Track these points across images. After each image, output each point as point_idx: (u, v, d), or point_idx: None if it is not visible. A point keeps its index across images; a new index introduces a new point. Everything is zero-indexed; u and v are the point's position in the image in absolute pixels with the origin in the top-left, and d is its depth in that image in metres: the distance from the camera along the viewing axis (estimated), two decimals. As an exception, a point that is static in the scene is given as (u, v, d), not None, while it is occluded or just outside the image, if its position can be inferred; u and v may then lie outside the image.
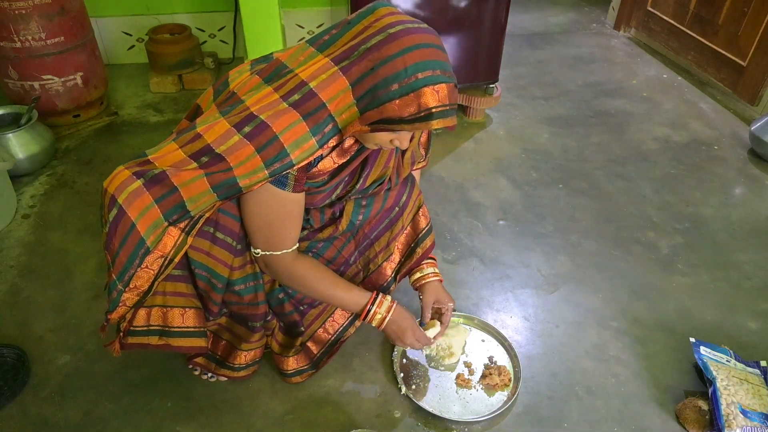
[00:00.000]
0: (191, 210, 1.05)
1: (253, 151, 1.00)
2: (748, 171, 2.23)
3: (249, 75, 1.10)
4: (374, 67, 0.96)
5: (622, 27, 3.45)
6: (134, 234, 1.04)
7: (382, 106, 0.97)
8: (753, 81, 2.53)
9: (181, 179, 1.03)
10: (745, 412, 1.25)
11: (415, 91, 0.95)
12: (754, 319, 1.59)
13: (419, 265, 1.43)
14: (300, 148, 1.01)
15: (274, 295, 1.31)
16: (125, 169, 1.05)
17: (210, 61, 2.75)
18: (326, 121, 1.01)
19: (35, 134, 2.06)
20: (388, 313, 1.28)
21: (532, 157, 2.29)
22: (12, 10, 2.02)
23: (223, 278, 1.19)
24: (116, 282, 1.07)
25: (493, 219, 1.95)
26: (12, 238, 1.81)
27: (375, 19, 1.00)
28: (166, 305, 1.17)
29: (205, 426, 1.29)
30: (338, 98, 1.00)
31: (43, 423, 1.29)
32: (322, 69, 1.01)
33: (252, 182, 1.03)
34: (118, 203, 1.03)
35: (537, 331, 1.54)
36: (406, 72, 0.95)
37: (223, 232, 1.15)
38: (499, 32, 2.29)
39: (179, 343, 1.19)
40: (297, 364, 1.37)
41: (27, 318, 1.53)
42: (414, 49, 0.95)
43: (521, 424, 1.31)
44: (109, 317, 1.12)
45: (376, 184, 1.24)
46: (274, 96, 1.02)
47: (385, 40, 0.96)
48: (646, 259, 1.79)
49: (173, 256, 1.09)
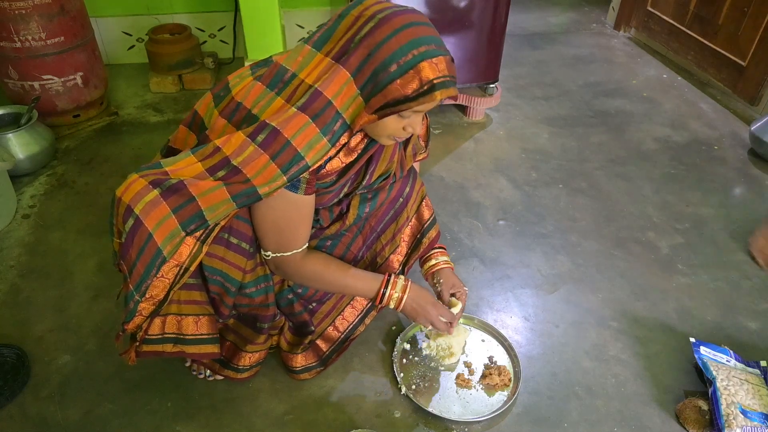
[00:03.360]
0: (209, 219, 1.04)
1: (267, 160, 1.00)
2: (748, 171, 2.23)
3: (251, 81, 1.10)
4: (371, 53, 0.98)
5: (622, 27, 3.45)
6: (151, 244, 1.03)
7: (385, 89, 0.98)
8: (753, 81, 2.53)
9: (199, 189, 1.02)
10: (745, 412, 1.25)
11: (413, 68, 0.97)
12: (754, 319, 1.59)
13: (427, 254, 1.45)
14: (313, 149, 1.02)
15: (284, 295, 1.31)
16: (140, 177, 1.03)
17: (210, 61, 2.75)
18: (334, 119, 1.01)
19: (35, 134, 2.06)
20: (404, 292, 1.28)
21: (532, 157, 2.29)
22: (12, 10, 2.02)
23: (237, 282, 1.19)
24: (133, 293, 1.07)
25: (493, 219, 1.95)
26: (12, 238, 1.81)
27: (364, 9, 1.02)
28: (180, 314, 1.17)
29: (205, 426, 1.29)
30: (342, 92, 1.00)
31: (43, 423, 1.29)
32: (325, 69, 1.02)
33: (272, 189, 1.03)
34: (135, 213, 1.01)
35: (537, 331, 1.54)
36: (402, 51, 0.96)
37: (237, 236, 1.15)
38: (499, 32, 2.29)
39: (193, 350, 1.20)
40: (305, 360, 1.37)
41: (27, 318, 1.54)
42: (406, 28, 0.97)
43: (521, 424, 1.31)
44: (126, 328, 1.11)
45: (381, 179, 1.25)
46: (281, 103, 1.03)
47: (377, 24, 0.98)
48: (646, 259, 1.79)
49: (188, 265, 1.08)
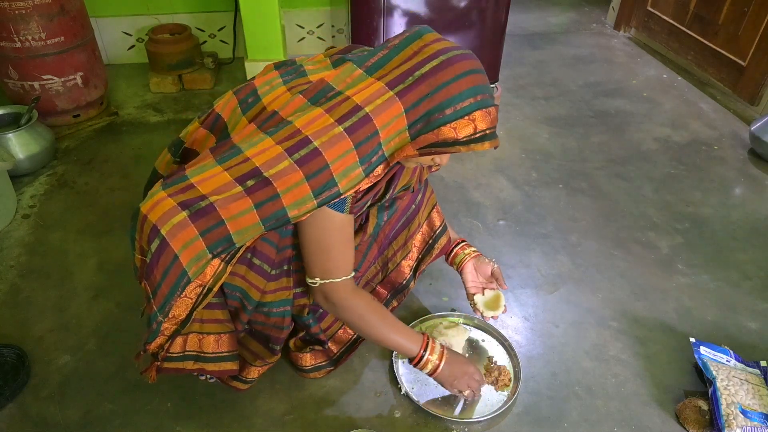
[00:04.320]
0: (237, 242, 1.04)
1: (302, 178, 0.98)
2: (748, 171, 2.23)
3: (289, 94, 1.08)
4: (430, 93, 0.98)
5: (622, 27, 3.45)
6: (176, 266, 1.02)
7: (437, 130, 0.99)
8: (753, 81, 2.53)
9: (230, 213, 1.00)
10: (745, 412, 1.25)
11: (469, 115, 0.99)
12: (754, 319, 1.59)
13: (445, 254, 1.48)
14: (347, 177, 1.01)
15: (303, 320, 1.31)
16: (168, 197, 1.02)
17: (210, 61, 2.75)
18: (375, 150, 1.01)
19: (35, 134, 2.06)
20: (441, 359, 1.25)
21: (532, 157, 2.29)
22: (12, 10, 2.02)
23: (254, 301, 1.19)
24: (157, 314, 1.06)
25: (493, 219, 1.95)
26: (12, 238, 1.81)
27: (424, 45, 1.02)
28: (202, 332, 1.17)
29: (205, 426, 1.29)
30: (391, 125, 1.00)
31: (43, 423, 1.29)
32: (377, 93, 1.00)
33: (301, 213, 1.02)
34: (161, 234, 1.00)
35: (537, 331, 1.54)
36: (461, 96, 0.98)
37: (260, 258, 1.14)
38: (499, 32, 2.29)
39: (213, 367, 1.20)
40: (315, 360, 1.37)
41: (27, 318, 1.54)
42: (468, 75, 0.99)
43: (521, 424, 1.31)
44: (148, 348, 1.11)
45: (400, 190, 1.25)
46: (327, 119, 1.00)
47: (440, 65, 0.98)
48: (646, 259, 1.79)
49: (212, 285, 1.08)
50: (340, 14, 2.95)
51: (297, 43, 3.03)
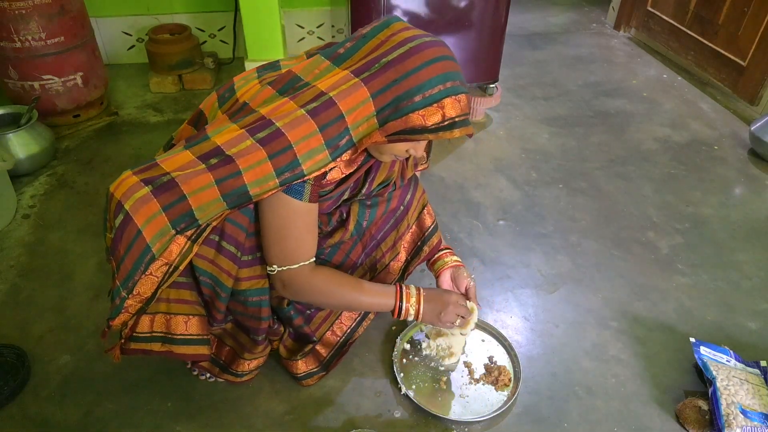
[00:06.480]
0: (199, 219, 1.04)
1: (264, 157, 1.00)
2: (748, 171, 2.23)
3: (259, 85, 1.09)
4: (397, 79, 0.98)
5: (622, 27, 3.45)
6: (140, 241, 1.03)
7: (406, 117, 0.99)
8: (753, 81, 2.53)
9: (191, 187, 1.02)
10: (745, 412, 1.25)
11: (437, 102, 0.99)
12: (754, 319, 1.59)
13: (435, 256, 1.44)
14: (312, 159, 1.01)
15: (284, 313, 1.30)
16: (133, 174, 1.04)
17: (210, 61, 2.75)
18: (342, 135, 1.01)
19: (35, 134, 2.07)
20: (419, 303, 1.25)
21: (532, 157, 2.29)
22: (12, 10, 2.02)
23: (227, 288, 1.18)
24: (120, 289, 1.07)
25: (493, 219, 1.95)
26: (12, 238, 1.81)
27: (391, 33, 1.02)
28: (169, 312, 1.17)
29: (205, 426, 1.29)
30: (357, 110, 1.00)
31: (43, 423, 1.29)
32: (342, 80, 1.01)
33: (262, 191, 1.02)
34: (125, 209, 1.02)
35: (537, 331, 1.54)
36: (430, 83, 0.98)
37: (229, 241, 1.14)
38: (499, 32, 2.29)
39: (182, 350, 1.19)
40: (306, 366, 1.36)
41: (27, 318, 1.54)
42: (437, 61, 0.98)
43: (521, 424, 1.31)
44: (111, 324, 1.11)
45: (380, 187, 1.25)
46: (292, 106, 1.02)
47: (407, 53, 0.98)
48: (646, 259, 1.79)
49: (178, 263, 1.08)
50: (340, 14, 2.96)
51: (297, 43, 3.03)
